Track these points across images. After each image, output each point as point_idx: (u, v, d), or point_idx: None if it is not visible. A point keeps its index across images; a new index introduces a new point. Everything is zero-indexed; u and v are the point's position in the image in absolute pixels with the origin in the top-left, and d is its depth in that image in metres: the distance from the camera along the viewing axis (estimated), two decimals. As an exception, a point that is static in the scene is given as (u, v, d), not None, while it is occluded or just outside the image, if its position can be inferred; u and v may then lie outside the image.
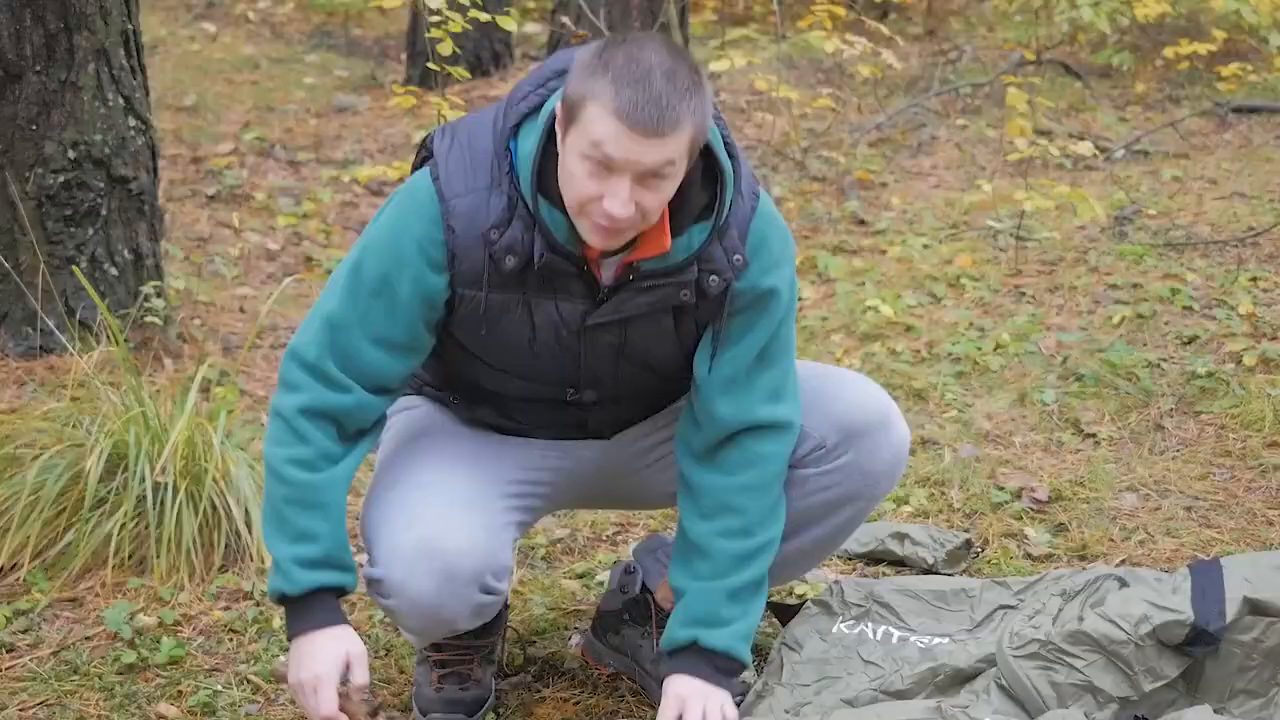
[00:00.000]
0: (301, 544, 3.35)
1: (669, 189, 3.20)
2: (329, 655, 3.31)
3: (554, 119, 3.24)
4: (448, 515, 3.37)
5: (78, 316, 5.58)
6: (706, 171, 3.32)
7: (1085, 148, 7.09)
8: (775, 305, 3.45)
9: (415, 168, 3.44)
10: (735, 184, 3.35)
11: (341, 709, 3.28)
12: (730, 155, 3.33)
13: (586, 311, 3.37)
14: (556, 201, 3.26)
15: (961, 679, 3.61)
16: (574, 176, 3.17)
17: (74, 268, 5.48)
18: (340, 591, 3.38)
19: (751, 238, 3.40)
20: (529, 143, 3.28)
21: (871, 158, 8.42)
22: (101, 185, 5.68)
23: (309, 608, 3.35)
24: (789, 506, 3.60)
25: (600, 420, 3.62)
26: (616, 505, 4.12)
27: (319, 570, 3.35)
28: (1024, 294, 6.30)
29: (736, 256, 3.36)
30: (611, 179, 3.13)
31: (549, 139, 3.26)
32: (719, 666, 3.51)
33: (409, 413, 3.68)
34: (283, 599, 3.37)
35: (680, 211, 3.31)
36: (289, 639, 3.37)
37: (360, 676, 3.31)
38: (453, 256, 3.31)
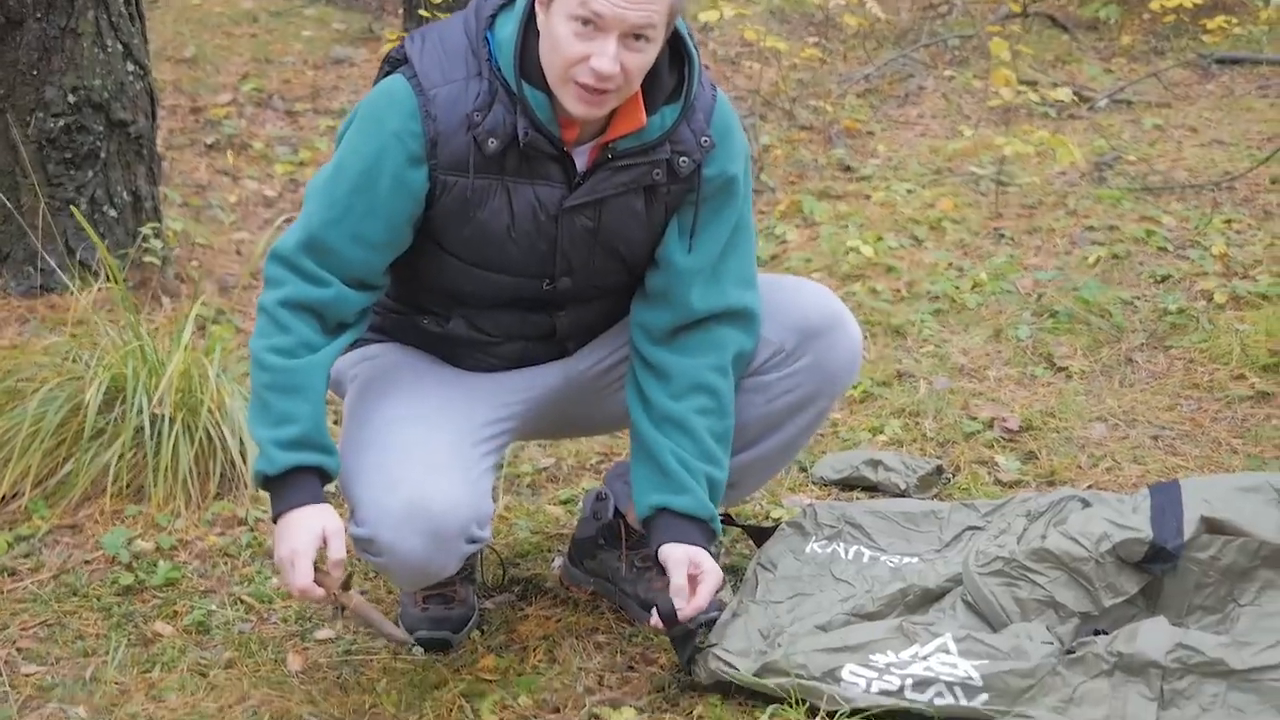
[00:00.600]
0: (281, 427, 3.43)
1: (650, 55, 3.35)
2: (306, 531, 3.38)
3: (532, 4, 3.39)
4: (431, 475, 3.43)
5: (78, 257, 5.70)
6: (674, 57, 3.49)
7: (1064, 93, 7.19)
8: (738, 191, 3.62)
9: (379, 79, 3.54)
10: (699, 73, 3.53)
11: (316, 582, 3.36)
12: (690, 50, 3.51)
13: (563, 196, 3.50)
14: (537, 83, 3.39)
15: (930, 598, 3.72)
16: (560, 41, 3.31)
17: (73, 209, 5.60)
18: (320, 472, 3.46)
19: (717, 123, 3.56)
20: (507, 29, 3.42)
21: (859, 107, 8.51)
22: (101, 129, 5.80)
23: (289, 487, 3.44)
24: (755, 412, 3.73)
25: (567, 326, 3.72)
26: (577, 431, 4.20)
27: (298, 451, 3.43)
28: (1003, 236, 6.40)
29: (704, 138, 3.52)
30: (598, 38, 3.28)
31: (527, 25, 3.40)
32: (705, 533, 3.63)
33: (371, 363, 3.75)
34: (265, 481, 3.45)
35: (652, 92, 3.47)
36: (274, 521, 3.45)
37: (336, 551, 3.38)
38: (433, 145, 3.42)
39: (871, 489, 4.57)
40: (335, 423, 4.34)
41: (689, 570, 3.58)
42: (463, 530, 3.44)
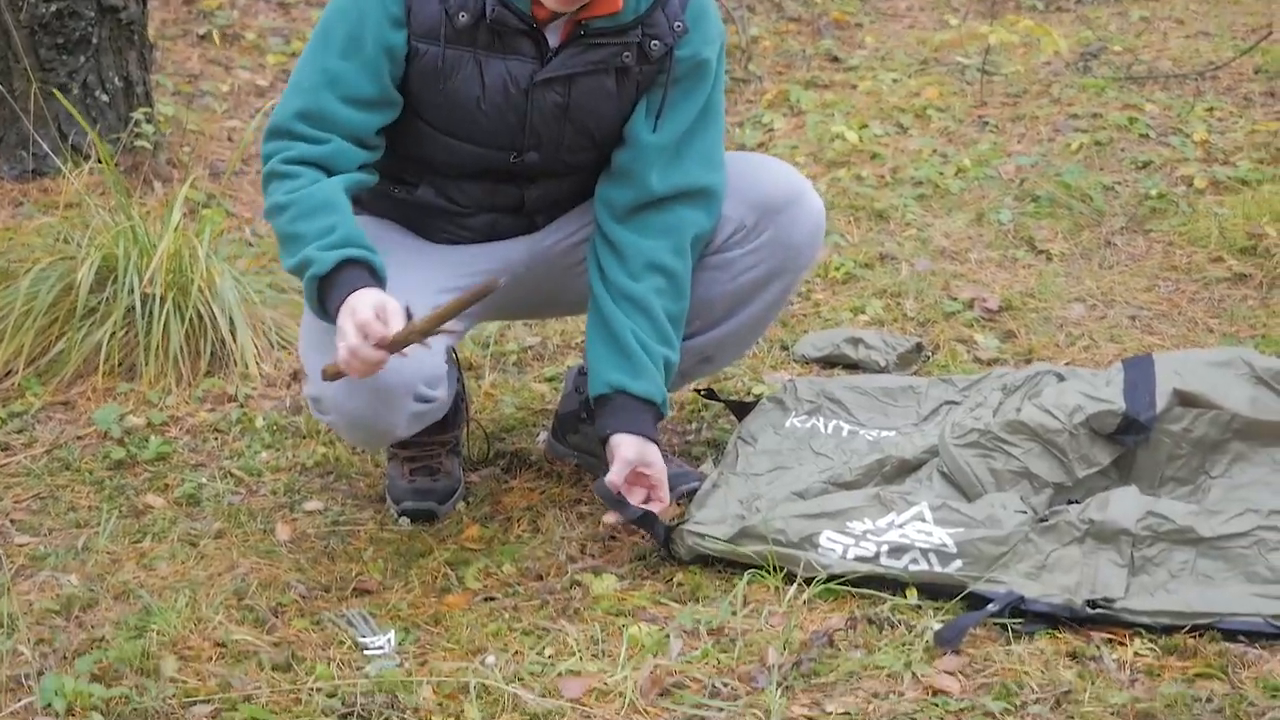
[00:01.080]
0: (322, 236, 3.40)
1: None
2: (364, 306, 3.29)
3: None
4: None
5: (70, 141, 5.72)
6: None
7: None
8: (706, 74, 3.66)
9: None
10: None
11: (390, 350, 3.28)
12: None
13: (535, 70, 3.54)
14: None
15: (907, 469, 3.79)
16: None
17: (56, 93, 5.62)
18: (370, 269, 3.39)
19: (692, 7, 3.61)
20: None
21: (847, 0, 8.52)
22: (92, 14, 5.83)
23: (341, 280, 3.37)
24: (720, 289, 3.79)
25: (535, 200, 3.75)
26: (544, 311, 4.25)
27: (345, 247, 3.39)
28: (987, 124, 6.43)
29: (677, 23, 3.57)
30: None
31: None
32: (655, 417, 3.70)
33: None
34: (318, 285, 3.38)
35: None
36: (333, 317, 3.36)
37: (395, 314, 3.28)
38: (409, 10, 3.47)
39: (852, 366, 4.61)
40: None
41: (639, 469, 3.65)
42: (408, 389, 3.48)
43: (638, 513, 3.64)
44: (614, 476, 3.63)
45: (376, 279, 3.40)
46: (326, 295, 3.40)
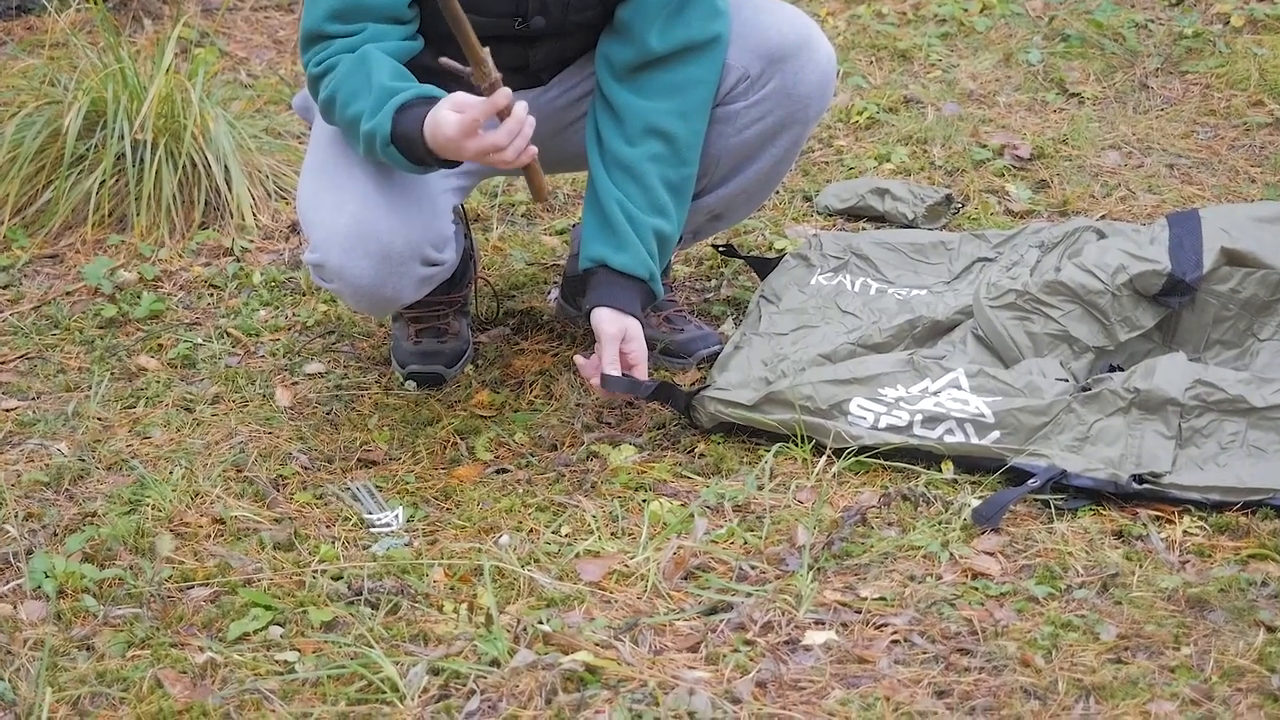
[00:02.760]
0: (396, 80, 3.20)
1: None
2: (445, 110, 3.12)
3: None
4: (378, 193, 3.34)
5: (55, -25, 5.53)
6: None
7: None
8: None
9: None
10: None
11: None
12: None
13: None
14: None
15: (939, 331, 3.63)
16: None
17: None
18: (425, 100, 3.18)
19: None
20: None
21: None
22: None
23: (407, 126, 3.15)
24: (725, 144, 3.59)
25: (541, 58, 3.58)
26: (547, 167, 4.00)
27: (389, 100, 3.18)
28: (1013, -44, 6.23)
29: None
30: None
31: None
32: (642, 293, 3.53)
33: None
34: (398, 149, 3.17)
35: None
36: (421, 130, 3.14)
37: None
38: None
39: (878, 219, 4.45)
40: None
41: (620, 345, 3.48)
42: (414, 252, 3.36)
43: (650, 387, 3.48)
44: (598, 358, 3.47)
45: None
46: (407, 150, 3.18)
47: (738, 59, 3.55)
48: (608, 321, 3.47)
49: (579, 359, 3.51)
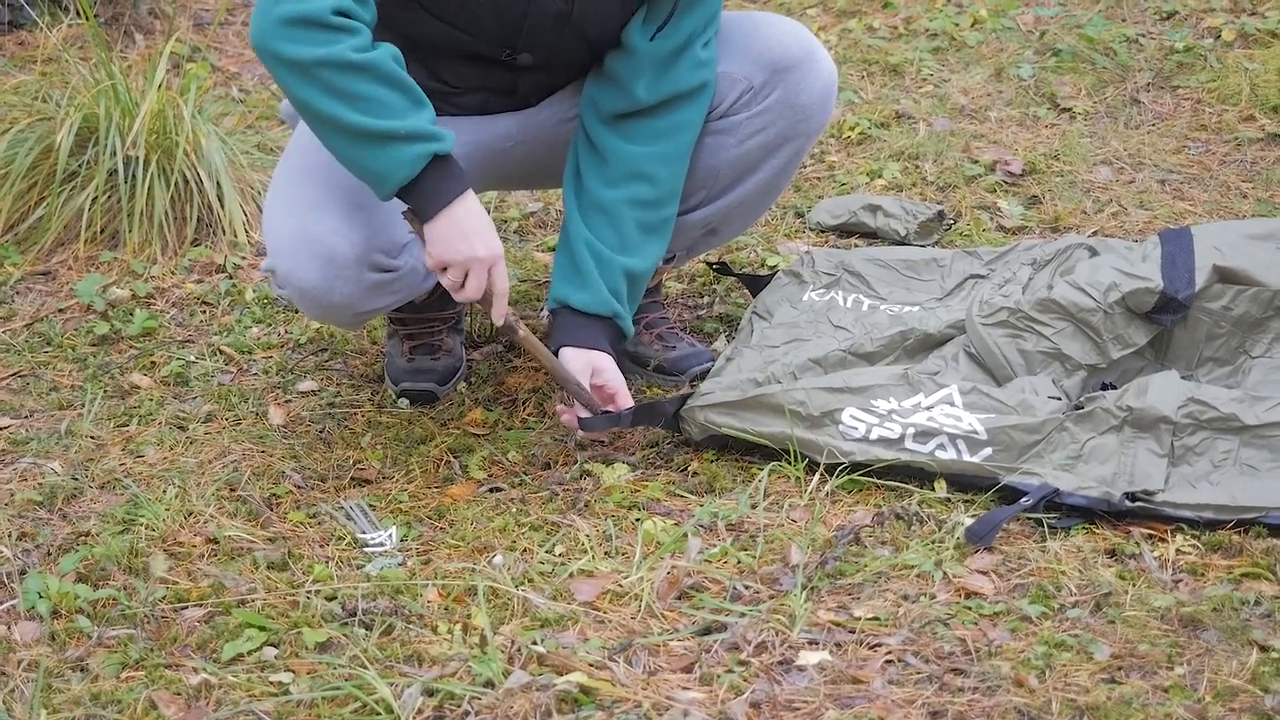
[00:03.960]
0: (424, 108, 3.19)
1: None
2: (486, 241, 3.24)
3: None
4: (329, 199, 3.32)
5: (46, -10, 5.54)
6: None
7: None
8: None
9: None
10: None
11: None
12: None
13: None
14: None
15: (931, 344, 3.63)
16: None
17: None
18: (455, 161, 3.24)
19: None
20: None
21: None
22: None
23: (453, 169, 3.21)
24: (725, 155, 3.60)
25: (529, 87, 3.58)
26: (533, 183, 4.06)
27: (446, 129, 3.22)
28: (1003, -30, 6.23)
29: None
30: None
31: None
32: (608, 331, 3.53)
33: None
34: (431, 165, 3.17)
35: None
36: (438, 210, 3.21)
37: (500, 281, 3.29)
38: None
39: (870, 236, 4.45)
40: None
41: (591, 380, 3.48)
42: (361, 258, 3.33)
43: (629, 415, 3.49)
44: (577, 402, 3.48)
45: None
46: (429, 179, 3.19)
47: (741, 71, 3.56)
48: (573, 360, 3.47)
49: (560, 409, 3.52)
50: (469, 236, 3.22)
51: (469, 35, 3.40)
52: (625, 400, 3.49)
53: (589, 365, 3.47)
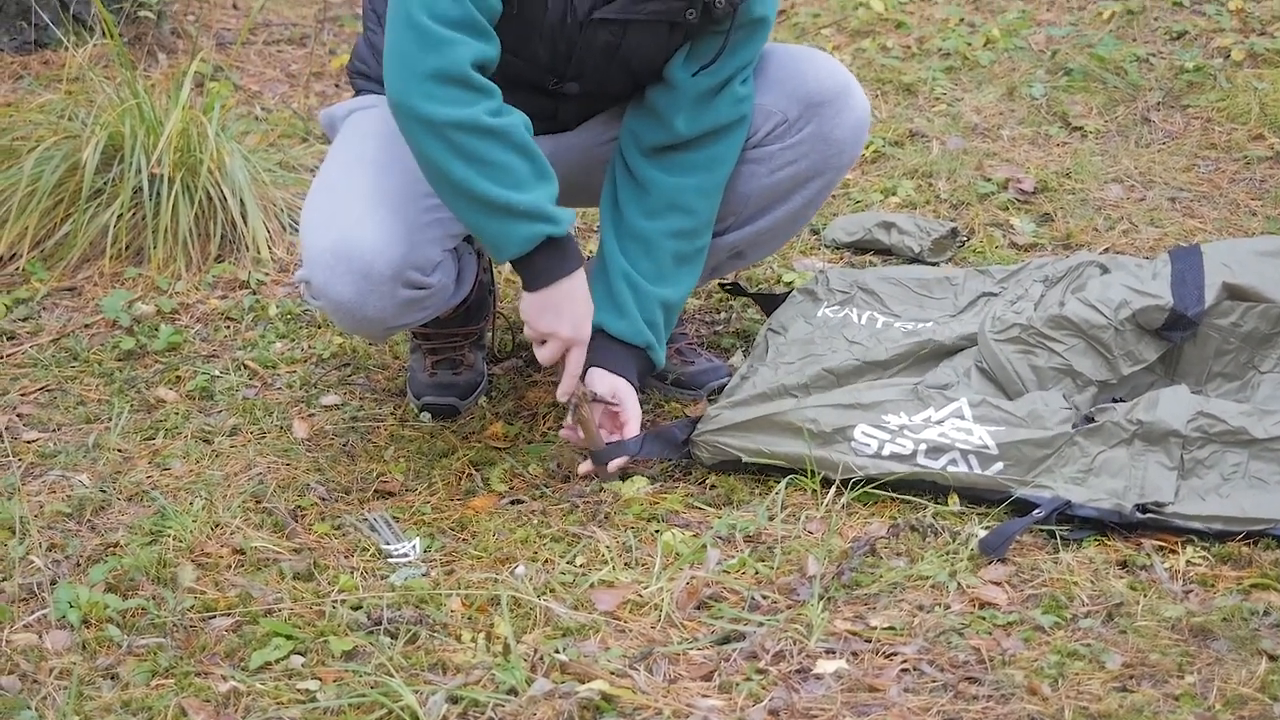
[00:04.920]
0: (547, 183, 3.29)
1: None
2: (589, 317, 3.39)
3: None
4: (365, 213, 3.36)
5: (71, 11, 5.58)
6: None
7: None
8: (763, 33, 3.54)
9: None
10: None
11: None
12: None
13: (595, 4, 3.39)
14: None
15: (943, 353, 3.66)
16: None
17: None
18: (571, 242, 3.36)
19: None
20: None
21: None
22: (91, -122, 5.66)
23: (568, 249, 3.33)
24: (756, 183, 3.65)
25: (569, 113, 3.64)
26: (567, 201, 4.08)
27: (567, 207, 3.34)
28: (1015, -11, 6.28)
29: None
30: None
31: None
32: (639, 361, 3.59)
33: (363, 112, 3.62)
34: (545, 244, 3.30)
35: None
36: (544, 285, 3.35)
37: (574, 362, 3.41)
38: None
39: (885, 252, 4.50)
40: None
41: (609, 408, 3.54)
42: (396, 274, 3.37)
43: (637, 445, 3.54)
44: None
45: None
46: (545, 256, 3.32)
47: (776, 104, 3.62)
48: (599, 381, 3.53)
49: (565, 432, 3.58)
50: (561, 315, 3.36)
51: (519, 59, 3.44)
52: (633, 431, 3.53)
53: (612, 389, 3.52)
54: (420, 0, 3.21)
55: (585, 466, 3.54)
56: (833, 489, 3.39)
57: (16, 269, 4.44)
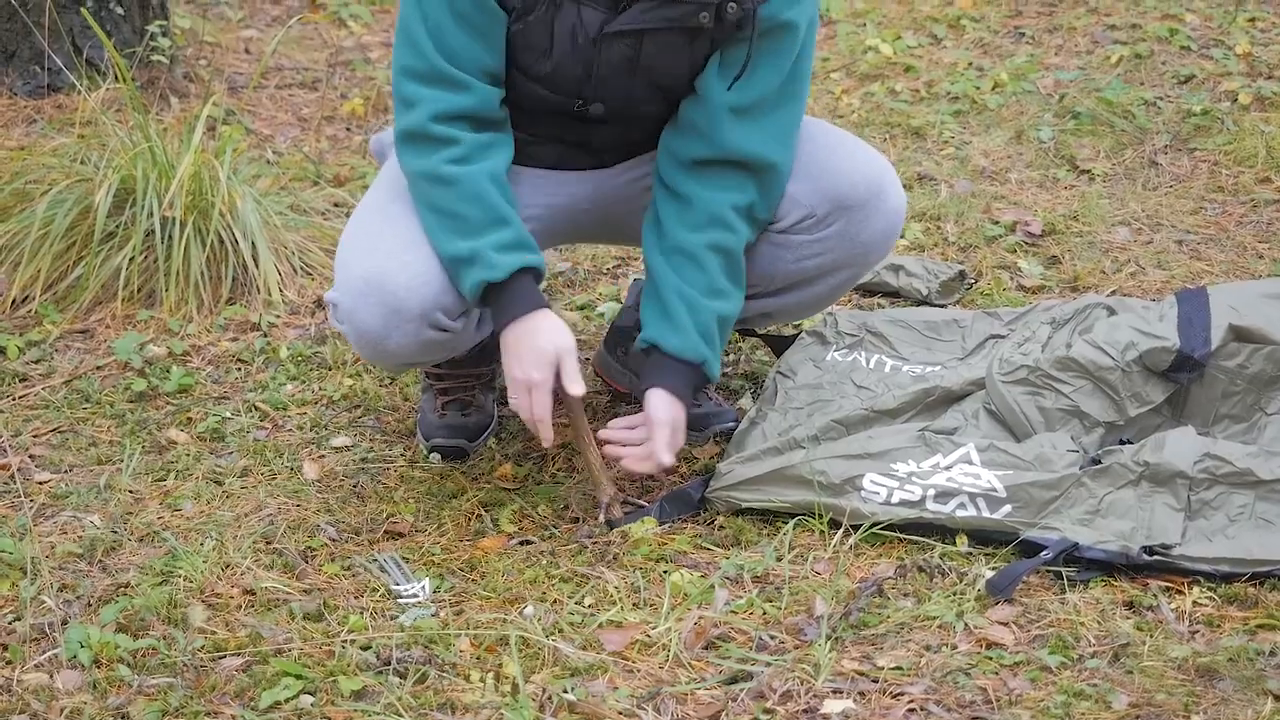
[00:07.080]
0: (496, 230, 3.37)
1: None
2: (541, 356, 3.39)
3: None
4: (404, 248, 3.41)
5: (85, 55, 5.60)
6: None
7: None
8: (791, 40, 3.47)
9: None
10: None
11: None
12: None
13: (606, 20, 3.40)
14: None
15: (951, 399, 3.68)
16: None
17: (81, 8, 5.49)
18: (536, 273, 3.44)
19: None
20: None
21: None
22: (105, -77, 5.70)
23: (514, 293, 3.40)
24: (782, 267, 3.64)
25: (604, 140, 3.63)
26: (603, 239, 4.15)
27: (518, 252, 3.38)
28: (1023, 34, 6.28)
29: None
30: None
31: None
32: (695, 376, 3.57)
33: None
34: (487, 290, 3.38)
35: None
36: (498, 331, 3.43)
37: (571, 379, 3.41)
38: None
39: (893, 294, 4.51)
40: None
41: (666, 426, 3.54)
42: (423, 314, 3.41)
43: (653, 510, 3.57)
44: (656, 441, 3.52)
45: (540, 280, 3.47)
46: (495, 305, 3.43)
47: (805, 196, 3.59)
48: (662, 409, 3.52)
49: (609, 433, 3.60)
50: (520, 358, 3.41)
51: (541, 85, 3.47)
52: (666, 460, 3.51)
53: (673, 420, 3.52)
54: (397, 53, 3.44)
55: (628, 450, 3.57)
56: (840, 530, 3.40)
57: (29, 311, 4.46)
